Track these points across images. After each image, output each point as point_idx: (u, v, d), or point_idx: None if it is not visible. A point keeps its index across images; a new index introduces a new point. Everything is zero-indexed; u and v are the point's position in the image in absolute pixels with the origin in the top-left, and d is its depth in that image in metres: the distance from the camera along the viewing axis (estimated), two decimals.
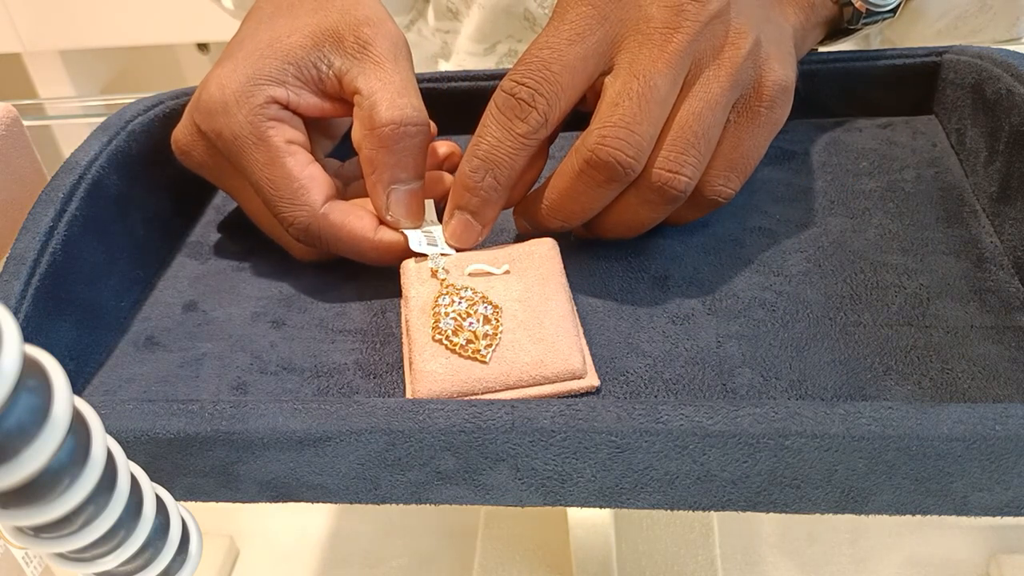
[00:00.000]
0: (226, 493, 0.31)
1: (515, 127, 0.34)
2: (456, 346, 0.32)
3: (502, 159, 0.34)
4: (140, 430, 0.29)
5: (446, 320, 0.33)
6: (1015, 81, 0.38)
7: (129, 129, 0.41)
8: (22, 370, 0.17)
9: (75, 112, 0.88)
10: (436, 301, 0.33)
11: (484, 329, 0.32)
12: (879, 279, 0.36)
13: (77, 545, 0.22)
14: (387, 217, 0.37)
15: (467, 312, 0.33)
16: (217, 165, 0.39)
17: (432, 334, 0.32)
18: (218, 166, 0.39)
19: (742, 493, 0.29)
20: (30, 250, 0.35)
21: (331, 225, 0.36)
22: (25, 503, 0.19)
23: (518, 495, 0.30)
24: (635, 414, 0.28)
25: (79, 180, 0.38)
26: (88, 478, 0.20)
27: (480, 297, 0.33)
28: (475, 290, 0.34)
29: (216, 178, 0.40)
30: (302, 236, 0.37)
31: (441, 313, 0.33)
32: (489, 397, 0.31)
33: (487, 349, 0.32)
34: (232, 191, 0.40)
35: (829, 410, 0.27)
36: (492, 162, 0.34)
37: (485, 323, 0.32)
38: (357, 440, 0.29)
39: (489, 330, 0.32)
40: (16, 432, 0.18)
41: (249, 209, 0.40)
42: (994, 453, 0.26)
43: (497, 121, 0.34)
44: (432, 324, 0.33)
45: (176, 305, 0.39)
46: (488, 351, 0.32)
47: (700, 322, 0.34)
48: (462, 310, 0.33)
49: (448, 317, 0.33)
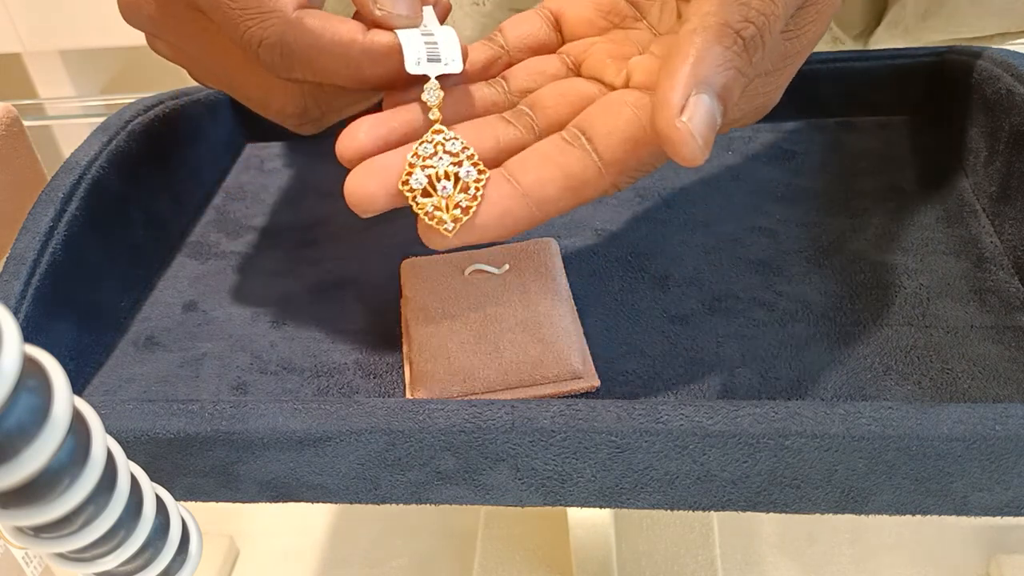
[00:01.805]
0: (226, 493, 0.31)
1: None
2: (421, 209, 0.28)
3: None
4: (140, 430, 0.29)
5: (418, 174, 0.28)
6: (1015, 81, 0.38)
7: (129, 129, 0.41)
8: (22, 370, 0.17)
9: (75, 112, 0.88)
10: (416, 146, 0.29)
11: (458, 198, 0.28)
12: (879, 279, 0.36)
13: (77, 545, 0.22)
14: (376, 12, 0.31)
15: (446, 172, 0.28)
16: (168, 12, 0.33)
17: (399, 185, 0.28)
18: (169, 13, 0.33)
19: (742, 493, 0.29)
20: (30, 250, 0.35)
21: (310, 32, 0.30)
22: (25, 503, 0.19)
23: (518, 495, 0.30)
24: (635, 414, 0.28)
25: (79, 180, 0.38)
26: (88, 478, 0.20)
27: (467, 156, 0.29)
28: (465, 144, 0.29)
29: (171, 31, 0.34)
30: (278, 56, 0.30)
31: (417, 164, 0.29)
32: (489, 397, 0.31)
33: (453, 223, 0.28)
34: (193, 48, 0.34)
35: (829, 410, 0.27)
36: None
37: (462, 191, 0.28)
38: (357, 440, 0.29)
39: (463, 200, 0.28)
40: (16, 432, 0.18)
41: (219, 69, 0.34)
42: (994, 453, 0.26)
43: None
44: (405, 173, 0.28)
45: (176, 305, 0.39)
46: (453, 225, 0.28)
47: (700, 322, 0.34)
48: (440, 168, 0.28)
49: (422, 172, 0.28)
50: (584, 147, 0.29)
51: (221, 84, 0.35)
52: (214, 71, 0.35)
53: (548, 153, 0.29)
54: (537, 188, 0.29)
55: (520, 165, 0.29)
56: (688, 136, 0.25)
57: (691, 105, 0.26)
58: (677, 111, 0.25)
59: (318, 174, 0.48)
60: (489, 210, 0.28)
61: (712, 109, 0.26)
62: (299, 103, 0.33)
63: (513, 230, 0.29)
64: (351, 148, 0.30)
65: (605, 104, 0.30)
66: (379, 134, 0.30)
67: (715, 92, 0.26)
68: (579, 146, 0.29)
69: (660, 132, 0.26)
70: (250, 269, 0.41)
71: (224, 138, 0.49)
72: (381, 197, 0.29)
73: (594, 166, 0.29)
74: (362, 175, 0.29)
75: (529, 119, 0.31)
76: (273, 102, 0.34)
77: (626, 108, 0.29)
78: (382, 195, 0.29)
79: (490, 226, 0.29)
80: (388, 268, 0.37)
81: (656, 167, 0.30)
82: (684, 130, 0.25)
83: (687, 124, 0.25)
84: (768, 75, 0.31)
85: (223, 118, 0.49)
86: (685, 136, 0.25)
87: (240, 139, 0.51)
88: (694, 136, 0.25)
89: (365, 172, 0.29)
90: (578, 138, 0.29)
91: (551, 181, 0.28)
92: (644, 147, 0.29)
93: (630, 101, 0.29)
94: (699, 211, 0.41)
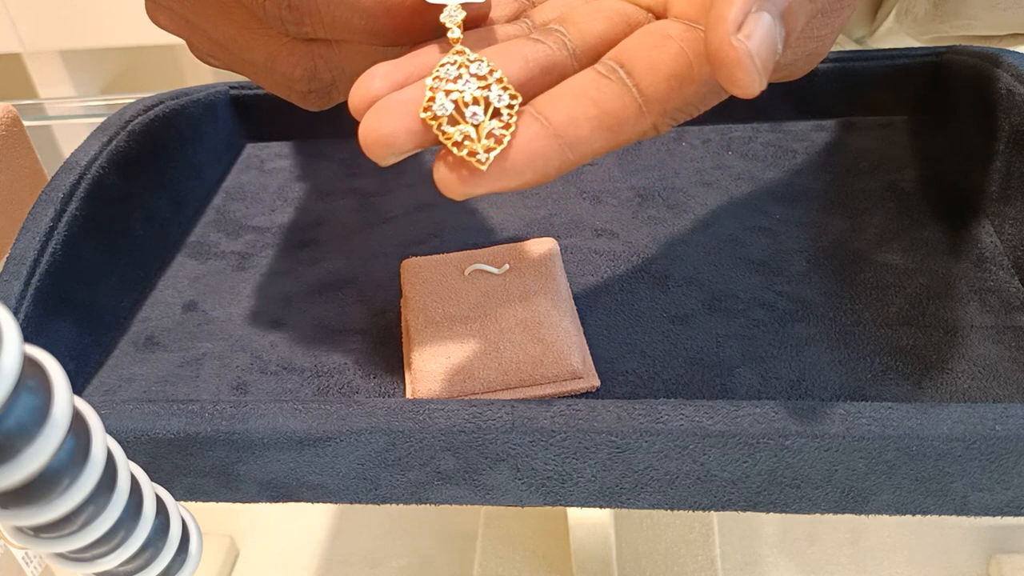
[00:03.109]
0: (226, 493, 0.31)
1: None
2: (449, 139, 0.24)
3: None
4: (140, 430, 0.29)
5: (443, 100, 0.24)
6: (1015, 81, 0.38)
7: (129, 129, 0.41)
8: (22, 370, 0.17)
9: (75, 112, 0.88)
10: (436, 69, 0.25)
11: (491, 125, 0.24)
12: (879, 279, 0.36)
13: (77, 545, 0.22)
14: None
15: (474, 97, 0.25)
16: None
17: (421, 113, 0.24)
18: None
19: (742, 493, 0.29)
20: (30, 250, 0.35)
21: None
22: (25, 503, 0.19)
23: (518, 495, 0.30)
24: (635, 414, 0.27)
25: (79, 180, 0.38)
26: (88, 478, 0.20)
27: (496, 79, 0.25)
28: (492, 66, 0.25)
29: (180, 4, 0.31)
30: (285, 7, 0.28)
31: (440, 87, 0.25)
32: (489, 397, 0.31)
33: (486, 153, 0.24)
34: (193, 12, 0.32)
35: (829, 410, 0.27)
36: None
37: (494, 116, 0.24)
38: (357, 440, 0.29)
39: (497, 127, 0.24)
40: (16, 432, 0.17)
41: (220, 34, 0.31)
42: (994, 453, 0.26)
43: None
44: (425, 100, 0.24)
45: (176, 305, 0.39)
46: (487, 155, 0.24)
47: (700, 322, 0.34)
48: (468, 91, 0.25)
49: (448, 96, 0.24)
50: (623, 81, 0.25)
51: (224, 52, 0.32)
52: (215, 37, 0.31)
53: (581, 88, 0.25)
54: (570, 127, 0.25)
55: (550, 102, 0.25)
56: (745, 57, 0.22)
57: (750, 22, 0.22)
58: (734, 27, 0.22)
59: (318, 174, 0.48)
60: (519, 152, 0.25)
61: (773, 31, 0.23)
62: (308, 64, 0.30)
63: (544, 174, 0.25)
64: (365, 98, 0.26)
65: (646, 35, 0.26)
66: (396, 79, 0.26)
67: (779, 11, 0.23)
68: (617, 80, 0.25)
69: (713, 53, 0.22)
70: (250, 269, 0.41)
71: (224, 138, 0.49)
72: (401, 135, 0.25)
73: (634, 103, 0.25)
74: (378, 114, 0.25)
75: (560, 35, 0.27)
76: (279, 65, 0.30)
77: (670, 41, 0.25)
78: (402, 132, 0.25)
79: (521, 168, 0.25)
80: (388, 268, 0.37)
81: (700, 110, 0.26)
82: (741, 49, 0.22)
83: (744, 43, 0.22)
84: (825, 15, 0.28)
85: (223, 118, 0.49)
86: (742, 57, 0.22)
87: (240, 139, 0.51)
88: (752, 58, 0.22)
89: (381, 111, 0.25)
90: (615, 71, 0.25)
91: (586, 119, 0.25)
92: (690, 84, 0.25)
93: (675, 34, 0.26)
94: (699, 211, 0.41)
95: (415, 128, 0.25)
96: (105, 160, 0.39)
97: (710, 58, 0.23)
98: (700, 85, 0.25)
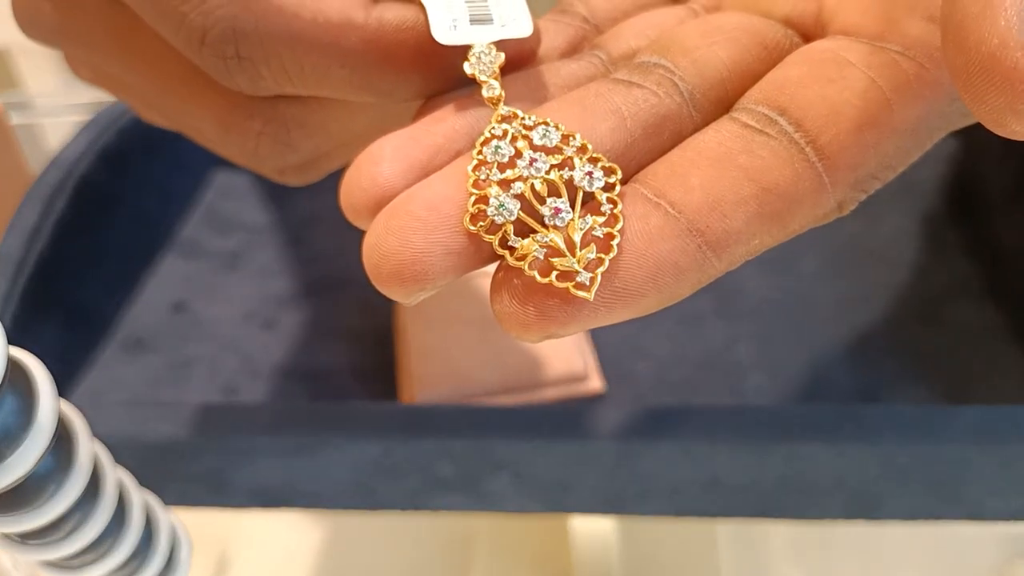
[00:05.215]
0: (216, 499, 0.31)
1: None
2: (523, 259, 0.15)
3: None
4: (128, 434, 0.29)
5: (501, 196, 0.15)
6: None
7: (117, 126, 0.41)
8: (6, 372, 0.17)
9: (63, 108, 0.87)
10: (479, 149, 0.16)
11: (586, 223, 0.15)
12: (893, 278, 0.35)
13: (64, 553, 0.21)
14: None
15: (549, 184, 0.15)
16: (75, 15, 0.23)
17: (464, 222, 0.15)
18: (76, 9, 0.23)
19: (750, 500, 0.28)
20: (16, 249, 0.34)
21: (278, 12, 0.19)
22: (10, 509, 0.19)
23: (519, 503, 0.29)
24: (640, 419, 0.27)
25: (66, 177, 0.37)
26: (74, 484, 0.20)
27: (577, 147, 0.16)
28: (567, 131, 0.16)
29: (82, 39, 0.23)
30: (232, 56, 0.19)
31: (490, 177, 0.16)
32: (489, 400, 0.31)
33: (589, 272, 0.15)
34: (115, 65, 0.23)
35: (840, 413, 0.26)
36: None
37: (588, 208, 0.15)
38: (351, 446, 0.28)
39: (597, 228, 0.15)
40: (0, 437, 0.17)
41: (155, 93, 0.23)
42: (1009, 457, 0.26)
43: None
44: (473, 199, 0.15)
45: (165, 306, 0.39)
46: (591, 275, 0.14)
47: (708, 324, 0.34)
48: (538, 176, 0.15)
49: (508, 189, 0.15)
50: (789, 136, 0.16)
51: (163, 115, 0.24)
52: (149, 96, 0.23)
53: (723, 151, 0.16)
54: (713, 216, 0.16)
55: (673, 176, 0.16)
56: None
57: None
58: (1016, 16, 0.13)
59: None
60: (636, 261, 0.15)
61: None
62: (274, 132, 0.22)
63: (674, 294, 0.16)
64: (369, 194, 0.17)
65: (810, 64, 0.18)
66: (414, 161, 0.17)
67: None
68: (779, 135, 0.16)
69: (984, 61, 0.13)
70: (241, 268, 0.41)
71: None
72: (437, 258, 0.15)
73: (811, 170, 0.16)
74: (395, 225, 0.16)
75: (665, 72, 0.18)
76: (234, 135, 0.22)
77: (853, 71, 0.17)
78: (438, 254, 0.15)
79: (641, 287, 0.15)
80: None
81: (898, 171, 0.18)
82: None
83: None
84: None
85: None
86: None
87: None
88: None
89: (400, 219, 0.16)
90: (773, 123, 0.17)
91: (738, 202, 0.16)
92: (890, 135, 0.17)
93: (857, 59, 0.17)
94: None
95: (458, 245, 0.16)
96: (93, 157, 0.39)
97: (971, 74, 0.13)
98: (904, 135, 0.17)
